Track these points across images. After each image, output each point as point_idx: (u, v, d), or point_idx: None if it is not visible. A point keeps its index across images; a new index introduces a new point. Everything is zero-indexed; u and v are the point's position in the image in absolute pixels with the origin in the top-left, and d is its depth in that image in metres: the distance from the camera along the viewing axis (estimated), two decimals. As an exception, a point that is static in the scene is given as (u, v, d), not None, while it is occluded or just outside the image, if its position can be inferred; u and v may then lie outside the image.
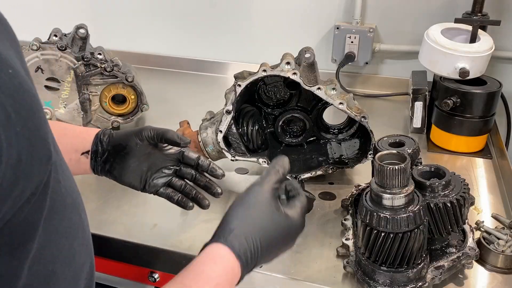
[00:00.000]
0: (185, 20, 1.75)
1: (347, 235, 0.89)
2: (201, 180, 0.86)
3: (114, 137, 0.81)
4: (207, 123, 1.08)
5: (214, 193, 0.85)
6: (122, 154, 0.80)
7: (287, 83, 1.13)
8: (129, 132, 0.82)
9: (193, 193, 0.85)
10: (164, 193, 0.85)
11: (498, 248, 0.84)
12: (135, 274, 0.96)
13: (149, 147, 0.82)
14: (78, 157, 0.81)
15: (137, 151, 0.81)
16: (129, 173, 0.82)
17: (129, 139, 0.81)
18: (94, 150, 0.81)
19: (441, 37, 1.21)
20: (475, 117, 1.18)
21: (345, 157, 1.12)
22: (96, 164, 0.82)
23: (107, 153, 0.81)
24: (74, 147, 0.81)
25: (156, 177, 0.84)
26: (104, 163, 0.81)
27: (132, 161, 0.81)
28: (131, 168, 0.81)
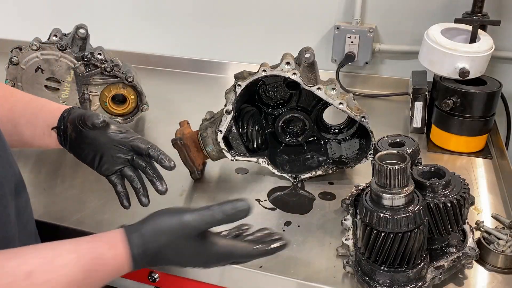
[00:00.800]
0: (185, 20, 1.75)
1: (347, 235, 0.89)
2: (149, 174, 0.86)
3: (70, 117, 0.85)
4: (207, 123, 1.08)
5: (157, 190, 0.86)
6: (74, 134, 0.84)
7: (287, 83, 1.13)
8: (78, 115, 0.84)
9: (137, 188, 0.87)
10: (112, 180, 0.87)
11: (498, 248, 0.84)
12: (135, 274, 0.96)
13: (94, 132, 0.84)
14: (49, 131, 0.85)
15: (85, 134, 0.84)
16: (83, 152, 0.85)
17: (76, 123, 0.84)
18: (59, 126, 0.85)
19: (441, 37, 1.21)
20: (475, 117, 1.18)
21: (345, 157, 1.12)
22: (61, 140, 0.86)
23: (67, 131, 0.85)
24: (47, 122, 0.85)
25: (109, 162, 0.85)
26: (66, 139, 0.85)
27: (82, 143, 0.84)
28: (84, 148, 0.85)
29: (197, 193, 1.07)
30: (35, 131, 0.86)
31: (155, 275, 0.94)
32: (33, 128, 0.86)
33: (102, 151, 0.85)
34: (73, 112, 0.85)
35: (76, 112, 0.85)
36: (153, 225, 0.67)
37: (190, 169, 1.09)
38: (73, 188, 1.09)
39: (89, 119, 0.83)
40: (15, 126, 0.85)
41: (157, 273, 0.94)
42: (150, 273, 0.94)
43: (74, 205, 1.03)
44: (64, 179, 1.12)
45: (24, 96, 0.90)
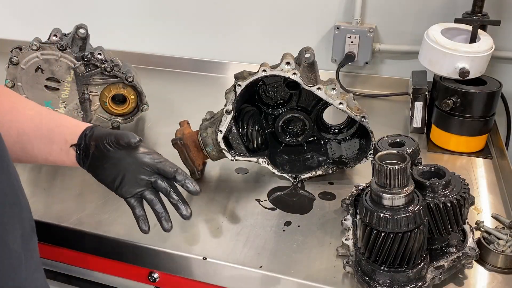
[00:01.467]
0: (185, 20, 1.75)
1: (347, 235, 0.89)
2: (173, 197, 0.83)
3: (94, 136, 0.82)
4: (207, 123, 1.08)
5: (182, 215, 0.83)
6: (97, 154, 0.81)
7: (287, 83, 1.13)
8: (103, 134, 0.82)
9: (159, 212, 0.83)
10: (131, 203, 0.83)
11: (498, 248, 0.84)
12: (135, 274, 0.96)
13: (121, 152, 0.81)
14: (68, 148, 0.82)
15: (109, 154, 0.81)
16: (104, 173, 0.82)
17: (101, 142, 0.81)
18: (79, 144, 0.82)
19: (441, 37, 1.21)
20: (475, 117, 1.18)
21: (345, 157, 1.12)
22: (80, 158, 0.83)
23: (87, 149, 0.82)
24: (65, 139, 0.82)
25: (130, 183, 0.82)
26: (85, 158, 0.82)
27: (105, 162, 0.81)
28: (105, 168, 0.82)
29: (197, 193, 1.07)
30: (52, 147, 0.82)
31: (155, 275, 0.94)
32: (49, 143, 0.82)
33: (125, 172, 0.81)
34: (98, 130, 0.82)
35: (101, 130, 0.82)
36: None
37: (190, 169, 1.09)
38: (73, 188, 1.09)
39: (122, 137, 0.80)
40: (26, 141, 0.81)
41: (157, 273, 0.94)
42: (150, 273, 0.94)
43: (74, 205, 1.03)
44: (64, 179, 1.12)
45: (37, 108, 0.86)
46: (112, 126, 1.30)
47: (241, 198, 1.05)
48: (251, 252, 0.89)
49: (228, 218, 0.99)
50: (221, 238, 0.94)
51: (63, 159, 0.83)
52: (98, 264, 0.99)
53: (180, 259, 0.89)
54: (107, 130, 0.83)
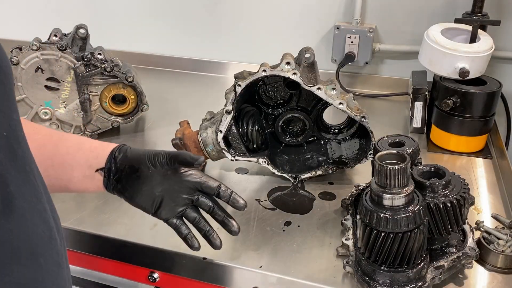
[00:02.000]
0: (185, 20, 1.75)
1: (347, 235, 0.89)
2: (218, 214, 0.78)
3: (128, 157, 0.76)
4: (207, 123, 1.08)
5: (231, 231, 0.79)
6: (134, 176, 0.75)
7: (287, 83, 1.13)
8: (143, 154, 0.76)
9: (206, 230, 0.79)
10: (174, 223, 0.78)
11: (498, 248, 0.84)
12: (135, 274, 0.96)
13: (164, 171, 0.76)
14: (93, 173, 0.75)
15: (150, 176, 0.75)
16: (141, 196, 0.76)
17: (142, 162, 0.75)
18: (108, 168, 0.75)
19: (441, 37, 1.21)
20: (475, 117, 1.18)
21: (345, 157, 1.12)
22: (108, 182, 0.76)
23: (119, 172, 0.75)
24: (88, 163, 0.75)
25: (170, 204, 0.77)
26: (116, 181, 0.76)
27: (145, 185, 0.75)
28: (143, 192, 0.76)
29: (197, 193, 1.07)
30: (73, 174, 0.75)
31: (155, 275, 0.94)
32: (69, 170, 0.75)
33: (165, 193, 0.76)
34: (131, 150, 0.77)
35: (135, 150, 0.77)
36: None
37: (190, 169, 1.08)
38: (73, 188, 1.09)
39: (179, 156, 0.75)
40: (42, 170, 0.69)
41: (157, 273, 0.94)
42: (150, 273, 0.94)
43: (74, 205, 1.03)
44: (64, 179, 1.12)
45: (52, 132, 0.79)
46: (112, 126, 1.30)
47: (241, 198, 1.05)
48: (251, 252, 0.89)
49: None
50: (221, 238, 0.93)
51: (86, 186, 0.76)
52: (98, 264, 0.99)
53: (180, 259, 0.89)
54: (142, 149, 0.77)
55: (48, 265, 0.48)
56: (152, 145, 1.29)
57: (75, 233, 0.96)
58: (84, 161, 0.75)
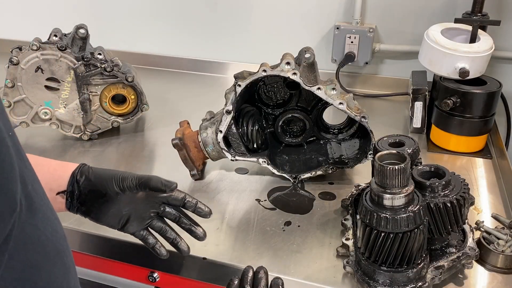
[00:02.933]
0: (185, 20, 1.75)
1: (347, 235, 0.89)
2: (184, 223, 0.81)
3: (92, 181, 0.75)
4: (207, 123, 1.08)
5: (198, 238, 0.81)
6: (101, 200, 0.75)
7: (287, 83, 1.13)
8: (109, 178, 0.75)
9: (173, 238, 0.81)
10: (141, 235, 0.80)
11: (498, 248, 0.84)
12: (135, 274, 0.96)
13: (133, 195, 0.77)
14: (54, 196, 0.74)
15: (118, 199, 0.75)
16: (108, 217, 0.77)
17: (109, 187, 0.74)
18: (70, 191, 0.74)
19: (441, 37, 1.21)
20: (475, 117, 1.18)
21: (345, 157, 1.12)
22: (72, 205, 0.75)
23: (84, 196, 0.74)
24: (48, 186, 0.73)
25: (137, 220, 0.78)
26: (80, 204, 0.75)
27: (112, 207, 0.76)
28: (110, 213, 0.76)
29: (197, 193, 1.07)
30: None
31: (155, 275, 0.94)
32: None
33: (132, 212, 0.77)
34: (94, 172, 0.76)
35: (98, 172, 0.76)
36: None
37: (190, 169, 1.09)
38: (73, 188, 1.09)
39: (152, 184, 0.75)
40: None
41: (157, 273, 0.94)
42: (150, 273, 0.94)
43: (74, 205, 1.03)
44: (64, 179, 1.12)
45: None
46: (112, 126, 1.30)
47: (241, 198, 1.05)
48: (251, 252, 0.89)
49: (228, 218, 0.99)
50: (221, 238, 0.94)
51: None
52: (98, 264, 0.99)
53: (180, 259, 0.89)
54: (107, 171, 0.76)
55: (69, 263, 0.48)
56: (152, 145, 1.29)
57: (75, 233, 0.96)
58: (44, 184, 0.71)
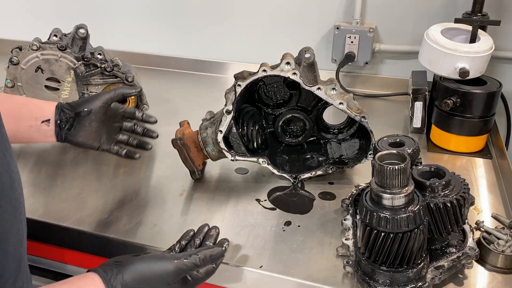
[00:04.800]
0: (185, 20, 1.75)
1: (347, 235, 0.89)
2: (139, 129, 1.03)
3: (74, 106, 0.91)
4: (207, 123, 1.08)
5: (151, 136, 1.04)
6: (86, 118, 0.92)
7: (287, 83, 1.13)
8: (91, 98, 0.94)
9: (136, 142, 1.04)
10: (114, 149, 1.01)
11: (498, 248, 0.84)
12: (135, 274, 0.96)
13: (105, 111, 0.95)
14: (39, 124, 0.89)
15: (99, 114, 0.93)
16: (88, 138, 0.94)
17: (93, 104, 0.92)
18: (58, 119, 0.90)
19: (441, 37, 1.21)
20: (475, 117, 1.18)
21: (345, 157, 1.12)
22: (60, 131, 0.91)
23: (71, 120, 0.91)
24: (33, 115, 0.89)
25: (110, 136, 0.98)
26: (68, 129, 0.92)
27: (95, 124, 0.93)
28: (94, 130, 0.94)
29: (197, 193, 1.07)
30: (20, 125, 0.88)
31: (155, 275, 0.94)
32: (16, 122, 0.88)
33: (106, 129, 0.95)
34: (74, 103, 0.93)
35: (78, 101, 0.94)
36: (135, 273, 0.67)
37: (190, 169, 1.09)
38: (73, 188, 1.09)
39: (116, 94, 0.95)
40: None
41: (157, 273, 0.94)
42: (150, 273, 0.94)
43: (74, 205, 1.03)
44: (64, 179, 1.12)
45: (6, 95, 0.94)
46: (112, 126, 1.30)
47: (241, 198, 1.05)
48: (251, 252, 0.89)
49: (228, 218, 0.99)
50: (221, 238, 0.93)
51: (32, 136, 0.90)
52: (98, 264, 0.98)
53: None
54: (83, 98, 0.98)
55: (6, 207, 0.57)
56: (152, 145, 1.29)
57: (75, 233, 0.96)
58: (30, 114, 0.89)
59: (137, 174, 1.15)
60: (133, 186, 1.10)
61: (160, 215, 1.00)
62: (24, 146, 1.26)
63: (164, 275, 0.68)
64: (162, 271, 0.68)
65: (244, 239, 0.93)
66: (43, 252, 1.00)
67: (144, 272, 0.67)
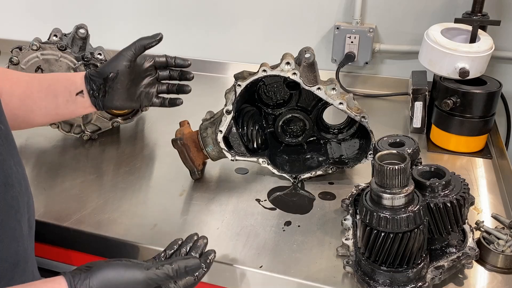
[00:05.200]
0: (185, 20, 1.75)
1: (347, 235, 0.89)
2: (175, 74, 1.00)
3: (102, 70, 0.91)
4: (207, 123, 1.08)
5: (187, 78, 1.01)
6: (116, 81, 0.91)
7: (287, 83, 1.13)
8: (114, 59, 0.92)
9: (176, 87, 1.01)
10: (157, 102, 1.01)
11: (498, 248, 0.84)
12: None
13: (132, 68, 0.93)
14: (74, 98, 0.90)
15: (127, 74, 0.92)
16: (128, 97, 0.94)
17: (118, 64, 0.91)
18: (90, 89, 0.90)
19: (441, 37, 1.21)
20: (475, 117, 1.18)
21: (345, 157, 1.12)
22: (96, 100, 0.91)
23: (102, 86, 0.91)
24: (67, 89, 0.90)
25: (148, 90, 0.98)
26: (103, 97, 0.91)
27: (126, 85, 0.92)
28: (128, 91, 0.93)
29: (197, 193, 1.07)
30: (58, 101, 0.90)
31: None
32: (54, 98, 0.89)
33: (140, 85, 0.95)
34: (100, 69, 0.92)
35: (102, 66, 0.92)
36: (103, 280, 0.64)
37: (190, 169, 1.09)
38: (73, 188, 1.09)
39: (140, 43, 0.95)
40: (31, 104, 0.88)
41: (157, 273, 0.94)
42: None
43: (74, 205, 1.03)
44: (64, 179, 1.12)
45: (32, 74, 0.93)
46: (112, 126, 1.30)
47: (241, 198, 1.05)
48: (251, 252, 0.89)
49: (228, 218, 0.99)
50: (221, 238, 0.94)
51: (71, 109, 0.92)
52: (98, 264, 0.99)
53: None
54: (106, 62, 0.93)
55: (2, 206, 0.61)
56: (152, 145, 1.29)
57: (75, 233, 0.96)
58: (64, 89, 0.90)
59: (137, 174, 1.15)
60: (133, 186, 1.10)
61: (160, 215, 1.00)
62: (24, 146, 1.26)
63: (132, 284, 0.65)
64: (130, 279, 0.65)
65: (244, 239, 0.93)
66: (43, 252, 1.00)
67: (111, 279, 0.64)
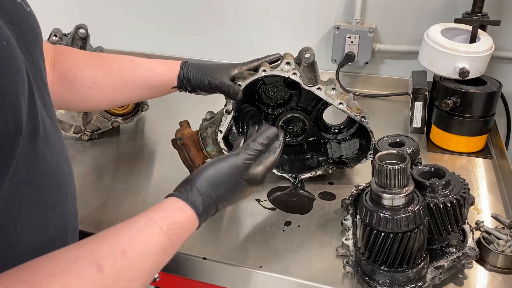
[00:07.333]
0: (185, 20, 1.75)
1: (347, 235, 0.89)
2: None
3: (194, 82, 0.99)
4: (207, 123, 1.08)
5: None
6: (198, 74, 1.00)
7: (287, 83, 1.13)
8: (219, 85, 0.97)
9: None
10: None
11: (498, 248, 0.85)
12: (135, 274, 0.96)
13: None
14: (169, 90, 0.99)
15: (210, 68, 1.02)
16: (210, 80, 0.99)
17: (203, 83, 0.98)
18: (180, 85, 0.98)
19: (441, 37, 1.21)
20: (475, 117, 1.18)
21: (345, 157, 1.12)
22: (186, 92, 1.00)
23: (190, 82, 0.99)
24: (164, 84, 0.97)
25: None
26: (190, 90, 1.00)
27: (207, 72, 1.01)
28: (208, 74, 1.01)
29: (197, 193, 1.07)
30: (154, 91, 0.97)
31: (155, 275, 0.94)
32: (151, 89, 0.96)
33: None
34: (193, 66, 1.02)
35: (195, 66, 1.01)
36: (207, 180, 0.68)
37: (190, 169, 1.09)
38: (73, 188, 1.09)
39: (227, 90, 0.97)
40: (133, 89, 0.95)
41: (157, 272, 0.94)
42: (150, 273, 0.94)
43: (74, 205, 1.03)
44: (64, 179, 1.12)
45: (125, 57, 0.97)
46: (112, 126, 1.30)
47: (241, 198, 1.05)
48: (251, 252, 0.89)
49: (228, 218, 0.99)
50: (221, 238, 0.94)
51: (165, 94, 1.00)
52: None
53: (180, 259, 0.89)
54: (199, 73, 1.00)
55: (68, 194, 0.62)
56: (152, 145, 1.29)
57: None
58: (160, 83, 0.97)
59: (137, 174, 1.15)
60: (133, 186, 1.10)
61: (160, 215, 1.00)
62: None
63: (233, 170, 0.70)
64: (231, 167, 0.70)
65: (244, 239, 0.93)
66: (43, 252, 1.00)
67: (213, 175, 0.69)
